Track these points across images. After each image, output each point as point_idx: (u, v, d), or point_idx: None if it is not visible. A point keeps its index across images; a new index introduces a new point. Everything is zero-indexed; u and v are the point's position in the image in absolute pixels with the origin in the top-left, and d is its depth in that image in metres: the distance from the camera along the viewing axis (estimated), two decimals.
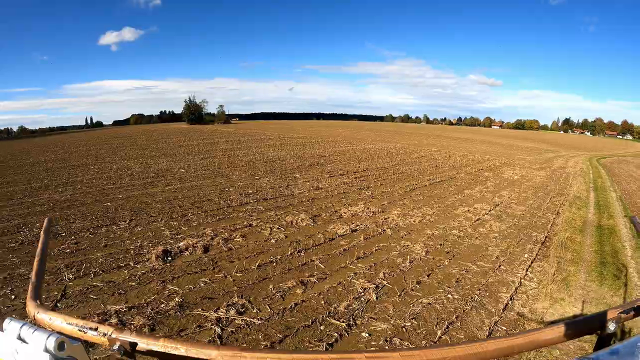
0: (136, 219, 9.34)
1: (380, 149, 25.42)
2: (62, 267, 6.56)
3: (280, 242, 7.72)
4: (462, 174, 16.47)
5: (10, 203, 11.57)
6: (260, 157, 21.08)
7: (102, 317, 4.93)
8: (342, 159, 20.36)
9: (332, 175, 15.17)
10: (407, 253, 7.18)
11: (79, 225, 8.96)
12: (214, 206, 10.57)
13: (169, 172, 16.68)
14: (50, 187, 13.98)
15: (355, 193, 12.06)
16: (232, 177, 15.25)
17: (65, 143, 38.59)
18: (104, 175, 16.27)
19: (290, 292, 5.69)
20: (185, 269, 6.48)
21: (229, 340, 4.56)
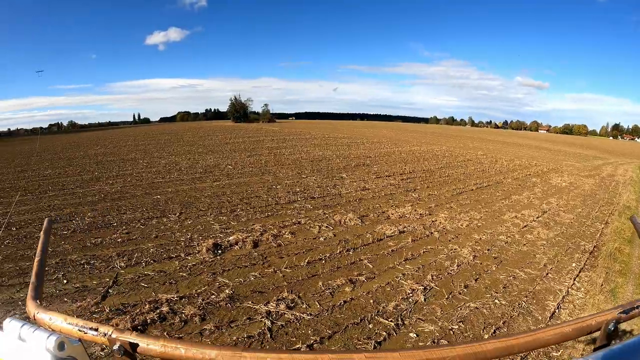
0: (186, 213, 9.85)
1: (425, 152, 25.16)
2: (113, 255, 7.07)
3: (329, 240, 7.90)
4: (509, 179, 16.12)
5: (62, 193, 12.53)
6: (306, 156, 21.39)
7: (153, 305, 5.29)
8: (387, 160, 20.33)
9: (379, 176, 15.21)
10: (455, 257, 7.19)
11: (130, 216, 9.62)
12: (262, 203, 10.92)
13: (217, 168, 17.35)
14: (101, 179, 15.01)
15: (402, 195, 12.08)
16: (279, 175, 15.62)
17: (114, 138, 40.85)
18: (153, 170, 17.23)
19: (339, 289, 5.84)
20: (235, 263, 6.79)
21: (279, 334, 4.77)
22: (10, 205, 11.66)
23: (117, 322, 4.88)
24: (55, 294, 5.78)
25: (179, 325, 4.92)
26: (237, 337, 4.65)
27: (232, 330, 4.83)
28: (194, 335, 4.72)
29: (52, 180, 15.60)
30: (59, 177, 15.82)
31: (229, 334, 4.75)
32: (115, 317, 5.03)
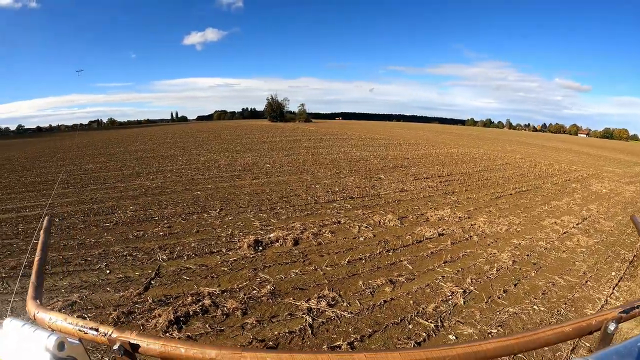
0: (226, 209, 10.08)
1: (463, 154, 24.78)
2: (155, 248, 7.32)
3: (368, 240, 7.93)
4: (548, 184, 15.70)
5: (104, 187, 13.04)
6: (344, 157, 21.46)
7: (195, 297, 5.41)
8: (425, 162, 20.18)
9: (417, 178, 15.13)
10: (494, 261, 7.10)
11: (171, 210, 9.91)
12: (302, 201, 11.03)
13: (255, 167, 17.61)
14: (141, 174, 15.53)
15: (441, 197, 11.98)
16: (317, 174, 15.73)
17: (153, 135, 42.09)
18: (192, 166, 17.68)
19: (379, 289, 5.86)
20: (276, 259, 6.89)
21: (320, 331, 4.80)
22: (52, 197, 12.20)
23: (160, 313, 5.03)
24: (97, 284, 6.00)
25: (220, 318, 5.02)
26: (279, 332, 4.71)
27: (273, 325, 4.89)
28: (235, 328, 4.80)
29: (93, 174, 16.25)
30: (100, 172, 16.47)
31: (270, 328, 4.81)
32: (158, 308, 5.17)
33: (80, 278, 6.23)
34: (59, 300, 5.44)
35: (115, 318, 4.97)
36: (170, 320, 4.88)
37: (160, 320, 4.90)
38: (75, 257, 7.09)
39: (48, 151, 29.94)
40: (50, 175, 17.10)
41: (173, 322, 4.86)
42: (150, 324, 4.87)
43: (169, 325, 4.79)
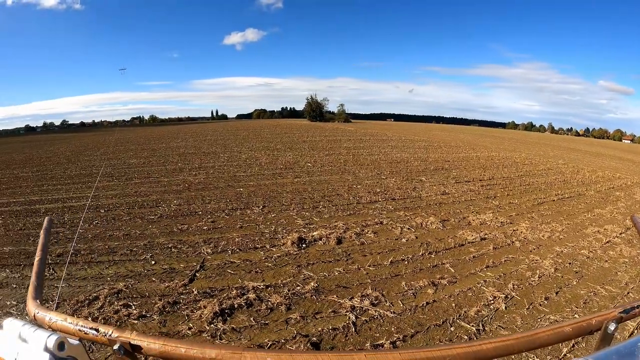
0: (269, 206, 10.24)
1: (504, 158, 24.24)
2: (200, 242, 7.51)
3: (410, 242, 7.91)
4: (591, 191, 15.13)
5: (148, 181, 13.51)
6: (385, 158, 21.39)
7: (240, 291, 5.51)
8: (466, 165, 19.87)
9: (458, 181, 14.95)
10: (536, 268, 6.97)
11: (214, 206, 10.17)
12: (344, 201, 11.06)
13: (297, 165, 17.78)
14: (184, 170, 15.99)
15: (482, 201, 11.79)
16: (358, 174, 15.74)
17: (194, 132, 43.17)
18: (234, 164, 18.06)
19: (421, 291, 5.84)
20: (320, 257, 6.95)
21: (363, 329, 4.81)
22: (98, 189, 12.70)
23: (206, 304, 5.17)
24: (143, 273, 6.21)
25: (265, 312, 5.10)
26: (322, 329, 4.74)
27: (317, 321, 4.93)
28: (279, 323, 4.86)
29: (137, 168, 16.85)
30: (144, 167, 17.09)
31: (314, 324, 4.85)
32: (203, 300, 5.30)
33: (126, 267, 6.46)
34: (104, 288, 5.64)
35: (161, 307, 5.12)
36: (216, 312, 4.99)
37: (206, 311, 5.01)
38: (121, 247, 7.36)
39: (92, 145, 31.16)
40: (95, 169, 17.81)
41: (218, 314, 4.96)
42: (195, 314, 5.00)
43: (214, 317, 4.90)
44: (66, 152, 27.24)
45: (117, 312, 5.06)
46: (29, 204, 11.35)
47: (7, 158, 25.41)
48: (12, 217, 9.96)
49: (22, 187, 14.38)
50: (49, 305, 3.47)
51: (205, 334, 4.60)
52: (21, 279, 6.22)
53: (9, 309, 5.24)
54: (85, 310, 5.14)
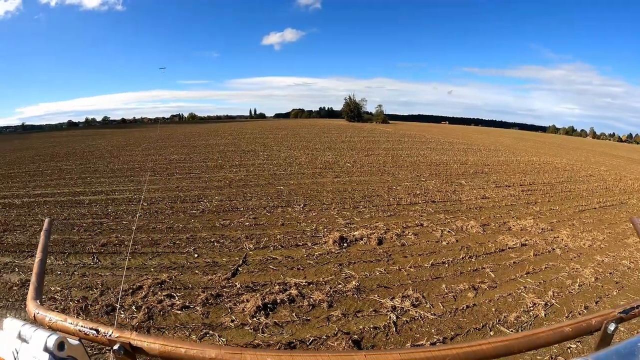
0: (309, 205, 10.35)
1: (545, 163, 23.56)
2: (242, 237, 7.67)
3: (451, 245, 7.86)
4: (633, 199, 14.52)
5: (189, 176, 13.89)
6: (424, 160, 21.22)
7: (282, 287, 5.61)
8: (506, 169, 19.47)
9: (498, 185, 14.69)
10: (577, 276, 6.80)
11: (255, 203, 10.35)
12: (384, 202, 11.06)
13: (336, 165, 17.84)
14: (224, 167, 16.34)
15: (523, 207, 11.55)
16: (398, 176, 15.68)
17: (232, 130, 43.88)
18: (273, 162, 18.28)
19: (461, 294, 5.81)
20: (361, 257, 6.98)
21: (403, 329, 4.82)
22: (141, 183, 13.11)
23: (248, 298, 5.27)
24: (186, 266, 6.39)
25: (307, 308, 5.16)
26: (363, 327, 4.78)
27: (358, 319, 4.97)
28: (321, 319, 4.92)
29: (178, 164, 17.31)
30: (184, 162, 17.56)
31: (355, 322, 4.89)
32: (246, 294, 5.41)
33: (169, 259, 6.65)
34: (148, 279, 5.83)
35: (204, 299, 5.25)
36: (258, 306, 5.08)
37: (248, 305, 5.11)
38: (164, 239, 7.58)
39: (133, 141, 32.03)
40: (137, 164, 18.35)
41: (261, 308, 5.05)
42: (238, 307, 5.10)
43: (257, 311, 4.99)
44: (108, 146, 28.14)
45: (161, 302, 5.21)
46: (72, 195, 11.81)
47: (52, 151, 26.45)
48: (57, 207, 10.40)
49: (66, 178, 14.98)
50: (92, 292, 3.65)
51: (248, 327, 4.69)
52: (65, 266, 6.50)
53: (54, 294, 5.53)
54: (129, 299, 5.32)
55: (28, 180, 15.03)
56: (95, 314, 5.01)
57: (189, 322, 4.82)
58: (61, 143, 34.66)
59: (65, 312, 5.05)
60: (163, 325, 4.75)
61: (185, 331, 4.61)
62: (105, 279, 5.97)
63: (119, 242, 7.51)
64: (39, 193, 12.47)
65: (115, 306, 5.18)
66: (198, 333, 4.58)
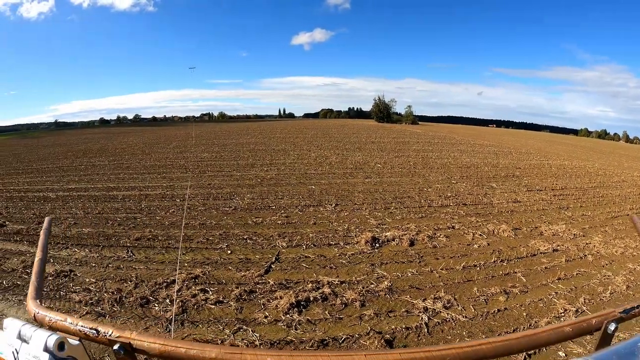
0: (341, 205, 10.38)
1: (577, 167, 22.98)
2: (274, 235, 7.76)
3: (482, 248, 7.80)
4: None
5: (221, 174, 14.16)
6: (454, 162, 21.01)
7: (315, 285, 5.66)
8: (537, 173, 19.10)
9: (530, 189, 14.44)
10: (608, 283, 6.64)
11: (287, 201, 10.47)
12: (415, 204, 11.03)
13: (366, 166, 17.84)
14: (255, 165, 16.57)
15: (555, 212, 11.33)
16: (428, 178, 15.60)
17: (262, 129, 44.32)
18: (304, 162, 18.45)
19: (493, 297, 5.76)
20: (393, 258, 6.99)
21: (435, 330, 4.82)
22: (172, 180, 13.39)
23: (282, 295, 5.35)
24: (220, 261, 6.51)
25: (339, 307, 5.20)
26: (395, 327, 4.80)
27: (390, 319, 4.98)
28: (353, 318, 4.96)
29: (209, 162, 17.66)
30: (216, 161, 17.90)
31: (387, 322, 4.91)
32: (279, 290, 5.48)
33: (203, 255, 6.78)
34: (182, 273, 5.96)
35: (238, 295, 5.34)
36: (292, 303, 5.14)
37: (282, 302, 5.18)
38: (197, 235, 7.72)
39: (164, 139, 32.63)
40: (169, 161, 18.71)
41: (294, 305, 5.11)
42: (271, 304, 5.17)
43: (290, 308, 5.05)
44: (139, 144, 28.75)
45: (195, 296, 5.33)
46: (106, 190, 12.14)
47: (84, 147, 27.17)
48: (91, 202, 10.72)
49: (100, 174, 15.41)
50: (126, 284, 3.75)
51: (281, 324, 4.75)
52: (99, 259, 6.71)
53: (88, 285, 5.71)
54: (163, 292, 5.46)
55: (62, 175, 15.52)
56: (129, 306, 5.15)
57: (222, 316, 4.91)
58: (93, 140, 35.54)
59: (100, 303, 5.23)
60: (197, 319, 4.85)
61: (219, 325, 4.69)
62: (140, 272, 6.14)
63: (152, 237, 7.70)
64: (73, 187, 12.87)
65: (150, 299, 5.32)
66: (232, 328, 4.66)
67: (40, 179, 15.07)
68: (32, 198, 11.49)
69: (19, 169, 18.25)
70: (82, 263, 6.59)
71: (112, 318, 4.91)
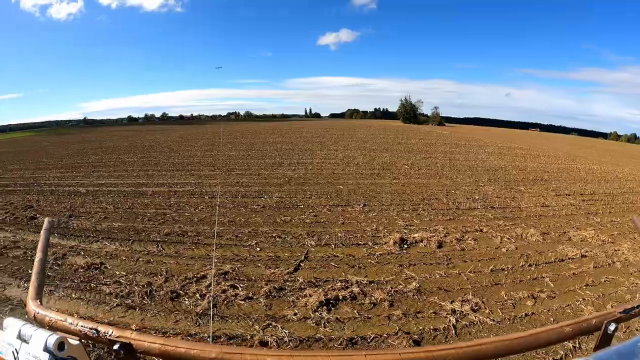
0: (369, 205, 10.41)
1: (606, 172, 22.38)
2: (303, 234, 7.82)
3: (510, 252, 7.73)
4: None
5: (249, 173, 14.34)
6: (482, 165, 20.81)
7: (344, 284, 5.69)
8: (566, 177, 18.74)
9: (558, 194, 14.19)
10: (636, 291, 6.52)
11: (315, 201, 10.54)
12: (443, 206, 10.99)
13: (394, 167, 17.82)
14: (283, 164, 16.74)
15: (583, 217, 11.12)
16: (456, 180, 15.49)
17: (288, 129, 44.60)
18: (331, 162, 18.52)
19: (520, 302, 5.72)
20: (421, 259, 6.99)
21: (463, 333, 4.81)
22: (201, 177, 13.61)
23: (311, 293, 5.41)
24: (249, 259, 6.59)
25: (368, 306, 5.23)
26: (423, 328, 4.81)
27: (418, 320, 4.99)
28: (382, 318, 4.98)
29: (237, 160, 17.90)
30: (243, 159, 18.13)
31: (415, 323, 4.92)
32: (308, 288, 5.54)
33: (232, 251, 6.88)
34: (211, 269, 6.08)
35: (267, 292, 5.41)
36: (321, 301, 5.19)
37: (311, 300, 5.23)
38: (226, 232, 7.85)
39: (192, 137, 33.12)
40: (196, 158, 19.01)
41: (323, 303, 5.15)
42: (300, 302, 5.23)
43: (319, 306, 5.10)
44: (167, 141, 29.25)
45: (225, 292, 5.41)
46: (135, 186, 12.41)
47: (113, 144, 27.77)
48: (121, 197, 10.98)
49: (129, 170, 15.75)
50: (156, 278, 3.85)
51: (310, 321, 4.79)
52: (130, 252, 6.89)
53: (118, 278, 5.87)
54: (194, 286, 5.56)
55: (92, 171, 15.93)
56: (159, 300, 5.27)
57: (252, 312, 4.98)
58: (122, 137, 36.28)
59: (130, 295, 5.37)
60: (227, 314, 4.93)
61: (249, 321, 4.76)
62: (170, 267, 6.26)
63: (182, 233, 7.84)
64: (102, 183, 13.20)
65: (180, 293, 5.44)
66: (261, 324, 4.72)
67: (70, 174, 15.47)
68: (63, 192, 11.82)
69: (49, 164, 18.76)
70: (112, 256, 6.77)
71: (142, 311, 5.02)
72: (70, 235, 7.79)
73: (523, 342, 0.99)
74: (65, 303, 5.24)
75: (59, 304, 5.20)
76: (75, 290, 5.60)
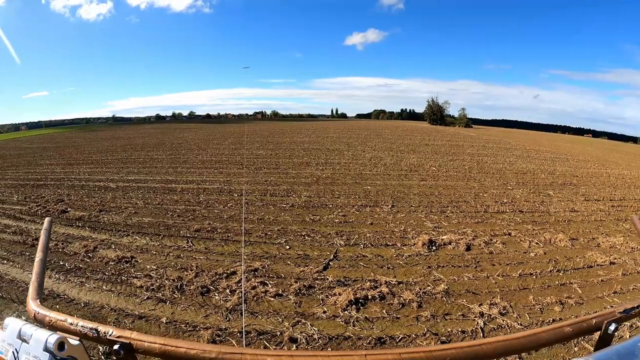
0: (397, 206, 10.42)
1: (636, 177, 21.66)
2: (332, 234, 7.88)
3: (539, 257, 7.65)
4: None
5: (277, 172, 14.50)
6: (510, 167, 20.52)
7: (373, 284, 5.73)
8: (595, 182, 18.30)
9: (587, 199, 13.91)
10: None
11: (344, 201, 10.60)
12: (471, 208, 10.93)
13: (421, 168, 17.76)
14: (310, 164, 16.85)
15: (612, 223, 10.87)
16: (484, 183, 15.35)
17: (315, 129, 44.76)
18: (359, 162, 18.56)
19: (548, 307, 5.67)
20: (449, 261, 6.97)
21: (490, 336, 4.80)
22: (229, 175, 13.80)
23: (340, 292, 5.47)
24: (278, 256, 6.70)
25: (396, 306, 5.26)
26: (451, 330, 4.82)
27: (446, 322, 5.01)
28: (410, 318, 5.01)
29: (265, 159, 18.09)
30: (271, 158, 18.32)
31: (443, 324, 4.94)
32: (338, 287, 5.59)
33: (262, 249, 7.00)
34: (241, 265, 6.19)
35: (297, 289, 5.48)
36: (350, 300, 5.24)
37: (341, 298, 5.29)
38: (256, 230, 7.97)
39: (219, 135, 33.52)
40: (224, 157, 19.26)
41: (352, 302, 5.20)
42: (329, 300, 5.29)
43: (349, 305, 5.15)
44: (195, 139, 29.69)
45: (255, 288, 5.51)
46: (165, 183, 12.68)
47: (142, 142, 28.30)
48: (151, 193, 11.24)
49: (158, 167, 16.08)
50: (187, 273, 3.96)
51: (339, 320, 4.85)
52: (160, 247, 7.08)
53: (149, 272, 6.03)
54: (224, 282, 5.67)
55: (121, 167, 16.31)
56: (190, 294, 5.39)
57: (281, 309, 5.06)
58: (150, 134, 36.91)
59: (160, 289, 5.51)
60: (257, 310, 5.02)
61: (278, 317, 4.84)
62: (200, 262, 6.39)
63: (211, 229, 7.99)
64: (132, 179, 13.51)
65: (210, 288, 5.55)
66: (291, 320, 4.80)
67: (100, 169, 15.88)
68: (93, 187, 12.17)
69: (79, 160, 19.26)
70: (143, 250, 6.96)
71: (173, 304, 5.15)
72: (102, 229, 8.03)
73: (523, 342, 1.00)
74: (96, 294, 5.42)
75: (90, 296, 5.38)
76: (106, 282, 5.78)
